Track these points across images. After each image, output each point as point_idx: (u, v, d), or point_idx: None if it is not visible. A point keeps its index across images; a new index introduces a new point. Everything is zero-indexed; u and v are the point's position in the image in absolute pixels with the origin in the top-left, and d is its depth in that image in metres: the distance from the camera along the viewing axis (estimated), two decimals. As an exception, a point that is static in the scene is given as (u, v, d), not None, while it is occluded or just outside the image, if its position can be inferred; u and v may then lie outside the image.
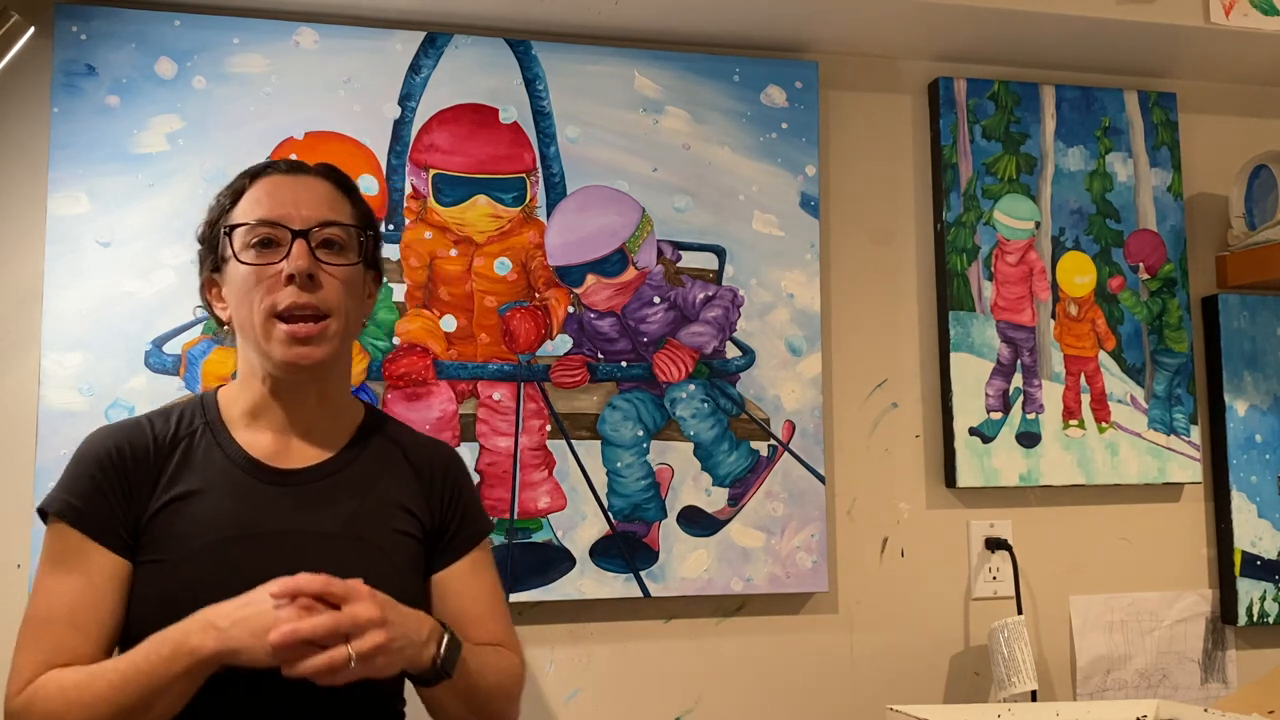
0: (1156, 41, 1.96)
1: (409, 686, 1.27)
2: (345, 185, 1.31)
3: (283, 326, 1.21)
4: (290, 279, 1.21)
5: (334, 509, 1.25)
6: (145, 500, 1.20)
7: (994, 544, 1.95)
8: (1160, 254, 2.06)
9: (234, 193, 1.27)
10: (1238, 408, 2.07)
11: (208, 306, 1.31)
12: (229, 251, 1.23)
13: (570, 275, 1.80)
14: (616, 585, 1.77)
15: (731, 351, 1.85)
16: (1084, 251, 2.03)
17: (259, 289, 1.22)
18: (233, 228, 1.24)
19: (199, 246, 1.30)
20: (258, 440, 1.26)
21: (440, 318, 1.75)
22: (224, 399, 1.29)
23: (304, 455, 1.27)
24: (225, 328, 1.30)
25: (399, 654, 1.14)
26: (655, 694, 1.82)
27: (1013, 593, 1.93)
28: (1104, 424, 1.99)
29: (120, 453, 1.21)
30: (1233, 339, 2.08)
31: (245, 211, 1.24)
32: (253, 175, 1.27)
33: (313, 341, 1.22)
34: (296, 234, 1.22)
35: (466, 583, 1.35)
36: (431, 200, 1.76)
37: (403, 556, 1.28)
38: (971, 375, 1.95)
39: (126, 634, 1.19)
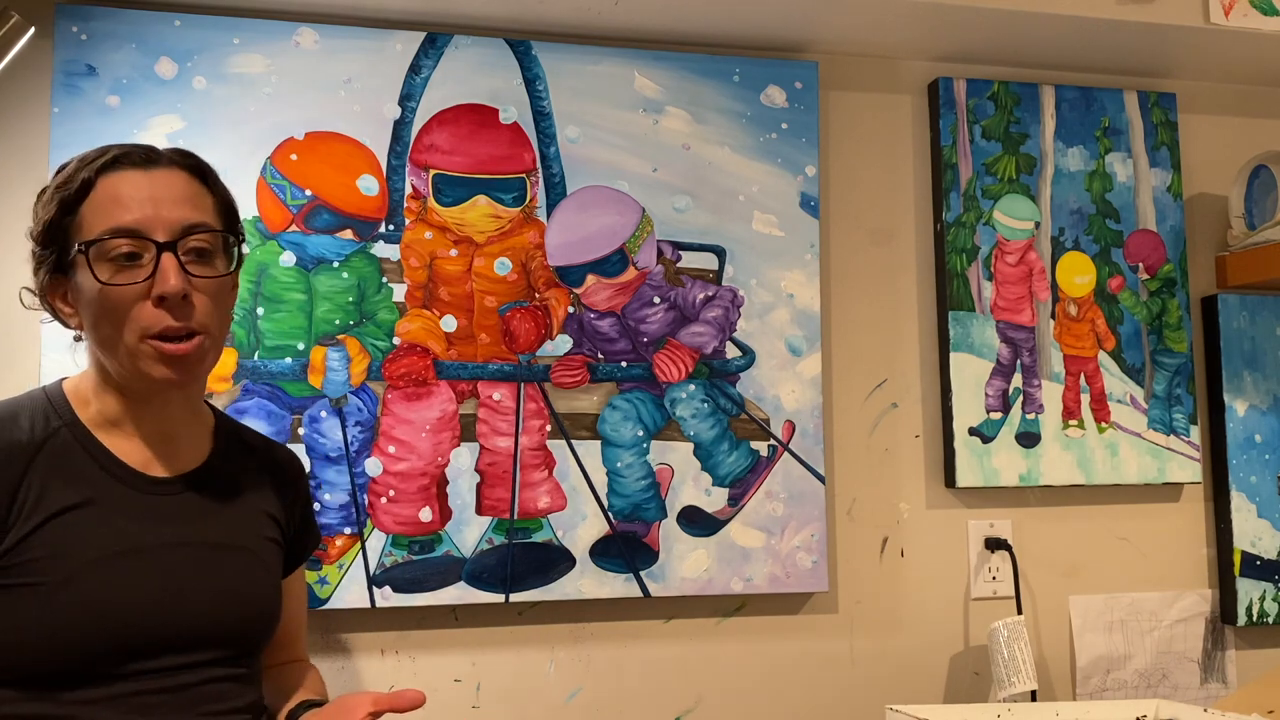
0: (1156, 41, 1.96)
1: None
2: (205, 175, 1.20)
3: (158, 345, 1.12)
4: (161, 300, 1.11)
5: (211, 519, 1.21)
6: (2, 520, 1.09)
7: (994, 544, 1.95)
8: (1160, 254, 2.06)
9: (81, 187, 1.13)
10: (1237, 408, 2.07)
11: (53, 313, 1.18)
12: (83, 265, 1.12)
13: (570, 275, 1.80)
14: (616, 585, 1.77)
15: (731, 351, 1.85)
16: (1084, 252, 2.03)
17: (121, 312, 1.11)
18: (89, 244, 1.11)
19: (33, 245, 1.16)
20: (125, 446, 1.18)
21: (440, 318, 1.75)
22: (74, 397, 1.19)
23: (173, 463, 1.21)
24: (78, 337, 1.18)
25: None
26: (655, 694, 1.82)
27: (1012, 593, 1.93)
28: (1104, 424, 2.00)
29: None
30: (1232, 339, 2.08)
31: (98, 217, 1.12)
32: (100, 168, 1.13)
33: (188, 361, 1.14)
34: (163, 247, 1.11)
35: (298, 590, 1.41)
36: (431, 200, 1.76)
37: (275, 564, 1.29)
38: (971, 375, 1.95)
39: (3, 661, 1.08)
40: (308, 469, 1.63)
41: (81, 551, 1.11)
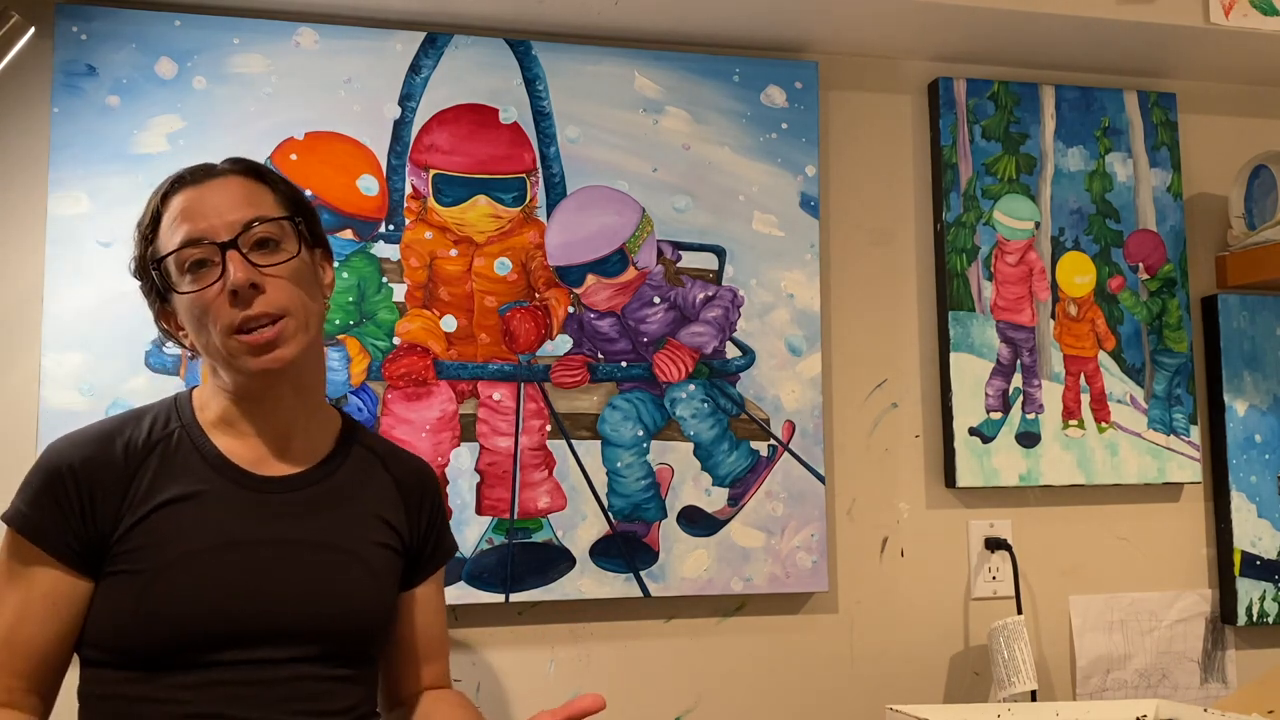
0: (1156, 41, 1.96)
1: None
2: (260, 174, 1.25)
3: (243, 339, 1.17)
4: (234, 295, 1.16)
5: (315, 519, 1.23)
6: (114, 512, 1.16)
7: (994, 544, 1.96)
8: (1160, 254, 2.06)
9: (152, 219, 1.21)
10: (1237, 408, 2.07)
11: (171, 337, 1.27)
12: (167, 284, 1.20)
13: (570, 275, 1.80)
14: (616, 585, 1.77)
15: (731, 351, 1.85)
16: (1084, 251, 2.03)
17: (208, 315, 1.17)
18: (159, 260, 1.19)
19: (138, 282, 1.25)
20: (237, 446, 1.23)
21: (440, 318, 1.75)
22: (198, 401, 1.26)
23: (285, 463, 1.24)
24: (188, 353, 1.27)
25: None
26: (655, 694, 1.82)
27: (1012, 593, 1.93)
28: (1104, 424, 2.00)
29: (82, 466, 1.17)
30: (1232, 339, 2.08)
31: (167, 239, 1.19)
32: (164, 196, 1.21)
33: (277, 345, 1.18)
34: (225, 246, 1.17)
35: (433, 602, 1.39)
36: (431, 200, 1.76)
37: (383, 568, 1.28)
38: (971, 375, 1.95)
39: (100, 644, 1.17)
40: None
41: (179, 542, 1.16)
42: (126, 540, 1.16)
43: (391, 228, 1.74)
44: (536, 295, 1.79)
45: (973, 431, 1.94)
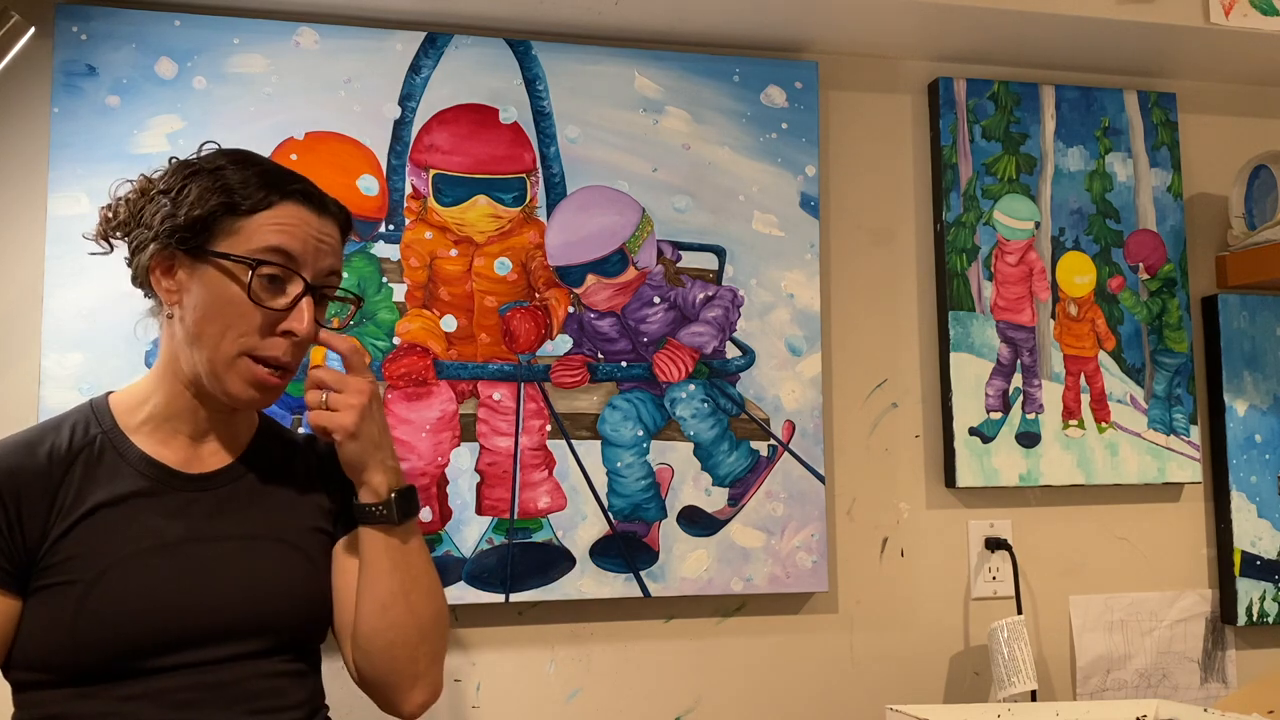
0: (1156, 41, 1.96)
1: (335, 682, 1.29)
2: (346, 232, 1.27)
3: (252, 366, 1.16)
4: (287, 334, 1.17)
5: (251, 511, 1.23)
6: (43, 523, 1.13)
7: (994, 544, 1.96)
8: (1160, 254, 2.06)
9: (262, 199, 1.16)
10: (1237, 408, 2.07)
11: (146, 279, 1.19)
12: (235, 269, 1.15)
13: (570, 275, 1.80)
14: (616, 585, 1.77)
15: (731, 351, 1.85)
16: (1084, 251, 2.03)
17: (243, 320, 1.15)
18: (258, 262, 1.15)
19: (167, 212, 1.15)
20: (162, 447, 1.21)
21: (440, 318, 1.75)
22: (119, 406, 1.22)
23: (212, 459, 1.23)
24: (165, 310, 1.19)
25: (367, 438, 1.20)
26: (655, 694, 1.82)
27: (1012, 593, 1.93)
28: (1104, 424, 2.00)
29: (8, 477, 1.13)
30: (1232, 339, 2.08)
31: (264, 233, 1.15)
32: (282, 192, 1.18)
33: (272, 394, 1.20)
34: (309, 288, 1.18)
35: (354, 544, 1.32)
36: (431, 200, 1.76)
37: (321, 555, 1.27)
38: (971, 375, 1.95)
39: (35, 664, 1.13)
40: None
41: (111, 549, 1.14)
42: (56, 551, 1.13)
43: (391, 228, 1.74)
44: (536, 295, 1.79)
45: (973, 431, 1.94)
